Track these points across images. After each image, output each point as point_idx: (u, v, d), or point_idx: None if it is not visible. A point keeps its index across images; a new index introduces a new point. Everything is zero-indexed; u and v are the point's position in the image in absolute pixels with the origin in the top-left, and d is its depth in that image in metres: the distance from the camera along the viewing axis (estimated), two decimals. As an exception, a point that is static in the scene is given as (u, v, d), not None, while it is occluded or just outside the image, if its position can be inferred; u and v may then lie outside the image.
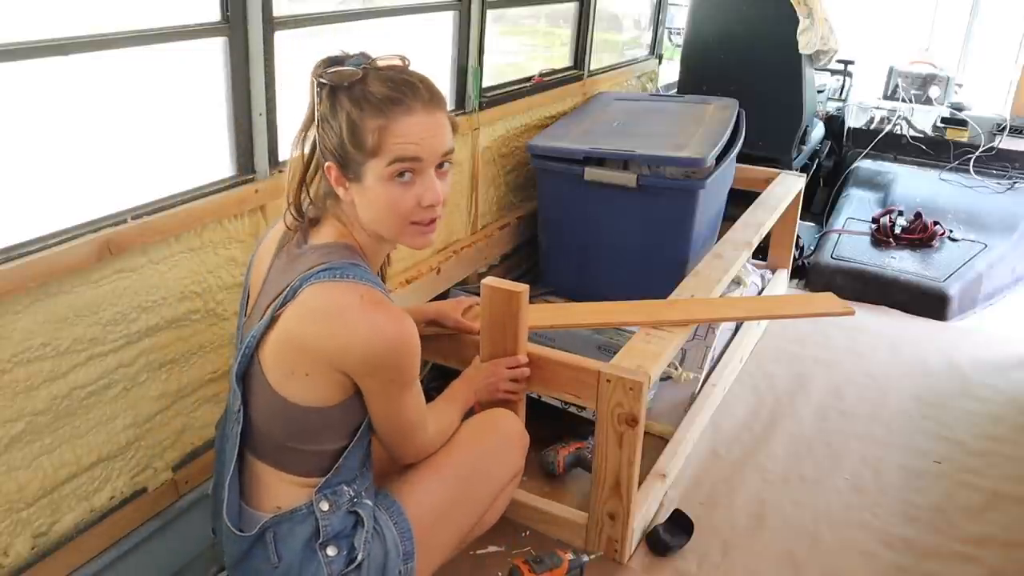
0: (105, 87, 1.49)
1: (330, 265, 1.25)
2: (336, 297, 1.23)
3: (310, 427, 1.29)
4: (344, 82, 1.22)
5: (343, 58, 1.26)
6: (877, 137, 4.18)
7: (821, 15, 3.42)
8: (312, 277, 1.24)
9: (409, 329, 1.25)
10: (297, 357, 1.25)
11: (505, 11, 2.86)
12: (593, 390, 1.72)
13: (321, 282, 1.23)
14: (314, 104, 1.26)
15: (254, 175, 1.74)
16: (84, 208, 1.43)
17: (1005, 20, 5.69)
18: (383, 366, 1.25)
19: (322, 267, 1.25)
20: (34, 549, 1.43)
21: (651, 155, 2.53)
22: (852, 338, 2.92)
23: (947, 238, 3.49)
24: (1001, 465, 2.25)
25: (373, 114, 1.21)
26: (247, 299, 1.40)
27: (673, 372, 2.39)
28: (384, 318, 1.23)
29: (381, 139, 1.22)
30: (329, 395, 1.27)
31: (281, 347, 1.25)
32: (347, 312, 1.22)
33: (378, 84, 1.23)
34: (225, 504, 1.31)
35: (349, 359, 1.23)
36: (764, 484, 2.14)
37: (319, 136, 1.26)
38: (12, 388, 1.34)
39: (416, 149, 1.24)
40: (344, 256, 1.28)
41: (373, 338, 1.22)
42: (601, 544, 1.84)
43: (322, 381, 1.26)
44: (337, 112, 1.23)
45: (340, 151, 1.24)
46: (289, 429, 1.29)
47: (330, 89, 1.23)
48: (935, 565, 1.88)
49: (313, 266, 1.25)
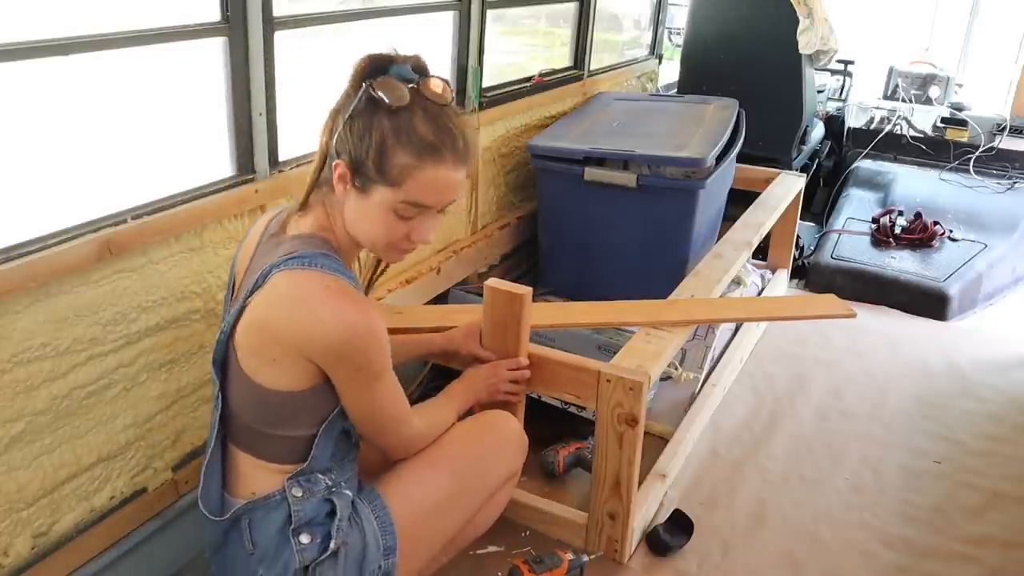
0: (105, 87, 1.49)
1: (300, 253, 1.26)
2: (301, 284, 1.24)
3: (282, 412, 1.30)
4: (392, 104, 1.22)
5: (393, 60, 1.25)
6: (877, 137, 4.18)
7: (821, 15, 3.42)
8: (282, 264, 1.25)
9: (374, 319, 1.25)
10: (265, 342, 1.26)
11: (505, 11, 2.86)
12: (593, 390, 1.72)
13: (289, 269, 1.24)
14: (352, 99, 1.24)
15: (254, 175, 1.74)
16: (84, 208, 1.43)
17: (1005, 20, 5.69)
18: (347, 355, 1.24)
19: (292, 255, 1.26)
20: (34, 549, 1.43)
21: (651, 155, 2.53)
22: (852, 338, 2.92)
23: (947, 238, 3.49)
24: (1001, 465, 2.25)
25: (407, 152, 1.23)
26: (232, 289, 1.41)
27: (673, 372, 2.39)
28: (348, 307, 1.23)
29: (405, 177, 1.24)
30: (298, 380, 1.27)
31: (250, 332, 1.27)
32: (311, 299, 1.23)
33: (422, 122, 1.23)
34: (201, 489, 1.33)
35: (313, 346, 1.23)
36: (764, 484, 2.14)
37: (344, 132, 1.24)
38: (12, 388, 1.34)
39: (432, 200, 1.28)
40: (317, 247, 1.29)
41: (336, 326, 1.22)
42: (601, 544, 1.84)
43: (290, 366, 1.26)
44: (372, 128, 1.23)
45: (359, 161, 1.24)
46: (261, 413, 1.30)
47: (374, 101, 1.23)
48: (935, 565, 1.88)
49: (285, 255, 1.27)
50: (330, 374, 1.28)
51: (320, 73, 2.08)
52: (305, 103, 1.89)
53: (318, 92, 1.92)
